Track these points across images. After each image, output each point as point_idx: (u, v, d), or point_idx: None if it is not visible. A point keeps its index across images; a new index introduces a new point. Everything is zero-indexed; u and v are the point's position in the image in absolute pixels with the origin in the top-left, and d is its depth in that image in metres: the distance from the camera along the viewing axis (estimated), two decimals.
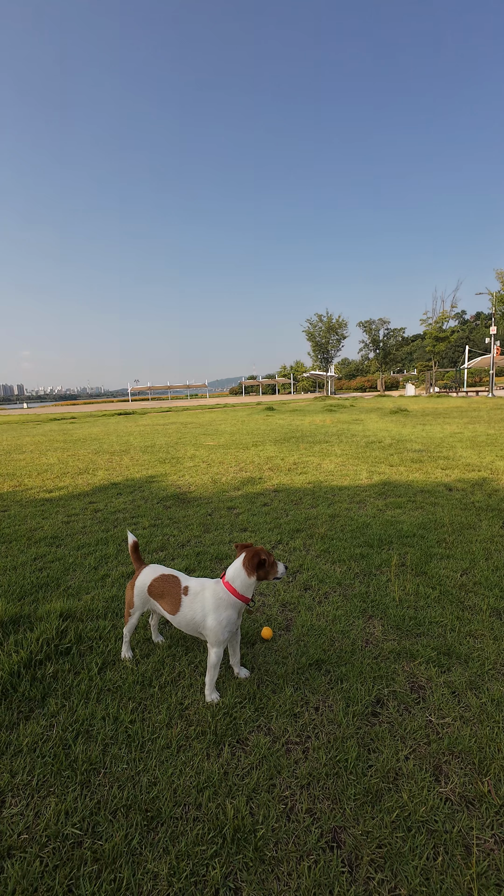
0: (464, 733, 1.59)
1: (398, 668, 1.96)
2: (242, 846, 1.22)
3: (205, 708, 1.74)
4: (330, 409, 19.14)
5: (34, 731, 1.64)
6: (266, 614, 2.46)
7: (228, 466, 6.74)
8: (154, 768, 1.48)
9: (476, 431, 9.44)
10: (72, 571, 3.11)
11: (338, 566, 3.04)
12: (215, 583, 1.84)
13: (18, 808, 1.35)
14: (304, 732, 1.63)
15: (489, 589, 2.63)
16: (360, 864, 1.18)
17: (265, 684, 1.88)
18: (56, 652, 2.08)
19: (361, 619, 2.38)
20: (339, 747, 1.54)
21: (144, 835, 1.27)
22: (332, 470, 6.12)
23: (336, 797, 1.37)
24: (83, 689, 1.85)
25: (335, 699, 1.78)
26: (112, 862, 1.19)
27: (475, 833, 1.26)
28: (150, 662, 2.03)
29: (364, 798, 1.36)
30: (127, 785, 1.42)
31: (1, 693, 1.83)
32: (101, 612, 2.49)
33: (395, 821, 1.29)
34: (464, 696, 1.78)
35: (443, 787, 1.40)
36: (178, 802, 1.36)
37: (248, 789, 1.40)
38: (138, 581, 2.01)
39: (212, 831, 1.26)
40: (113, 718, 1.70)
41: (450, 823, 1.28)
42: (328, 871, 1.16)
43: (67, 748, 1.57)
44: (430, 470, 5.82)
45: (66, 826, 1.29)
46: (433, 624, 2.29)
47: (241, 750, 1.56)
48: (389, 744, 1.56)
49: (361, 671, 1.94)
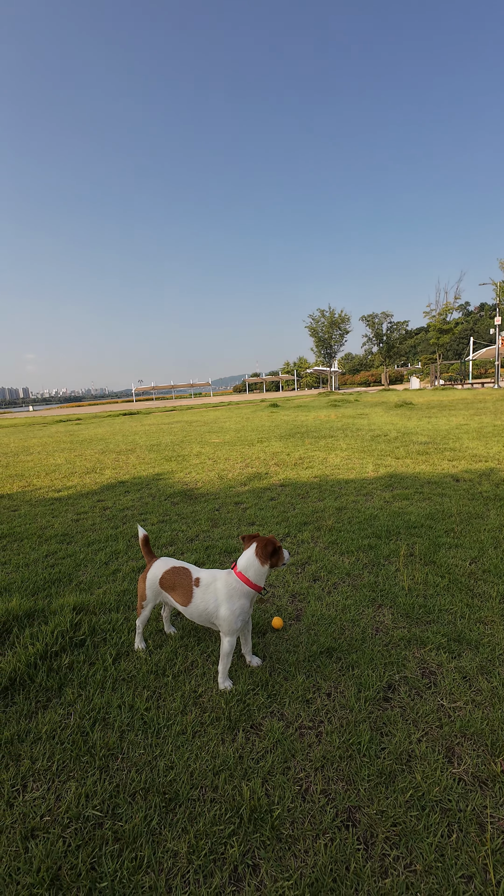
0: (476, 716, 1.61)
1: (409, 655, 1.98)
2: (259, 825, 1.25)
3: (218, 695, 1.77)
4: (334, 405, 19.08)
5: (52, 719, 1.68)
6: (276, 605, 2.49)
7: (234, 463, 6.76)
8: (170, 753, 1.51)
9: (482, 423, 9.37)
10: (83, 567, 3.15)
11: (346, 557, 3.05)
12: (227, 573, 1.86)
13: (40, 792, 1.39)
14: (316, 717, 1.65)
15: (499, 577, 2.63)
16: (375, 841, 1.20)
17: (277, 672, 1.90)
18: (71, 644, 2.12)
19: (371, 607, 2.39)
20: (352, 731, 1.56)
21: (163, 816, 1.30)
22: (337, 464, 6.12)
23: (350, 778, 1.39)
24: (99, 679, 1.89)
25: (347, 685, 1.80)
26: (133, 841, 1.22)
27: (489, 811, 1.27)
28: (164, 653, 2.06)
29: (378, 779, 1.38)
30: (144, 769, 1.45)
31: (19, 683, 1.87)
32: (114, 606, 2.53)
33: (409, 800, 1.31)
34: (475, 681, 1.79)
35: (456, 767, 1.42)
36: (195, 785, 1.39)
37: (263, 772, 1.42)
38: (150, 574, 2.03)
39: (229, 812, 1.29)
40: (129, 706, 1.73)
41: (463, 802, 1.30)
42: (344, 848, 1.19)
43: (85, 735, 1.60)
44: (437, 461, 5.80)
45: (87, 808, 1.32)
46: (443, 611, 2.30)
47: (255, 735, 1.59)
48: (402, 727, 1.58)
49: (372, 658, 1.95)
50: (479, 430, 8.35)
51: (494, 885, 1.09)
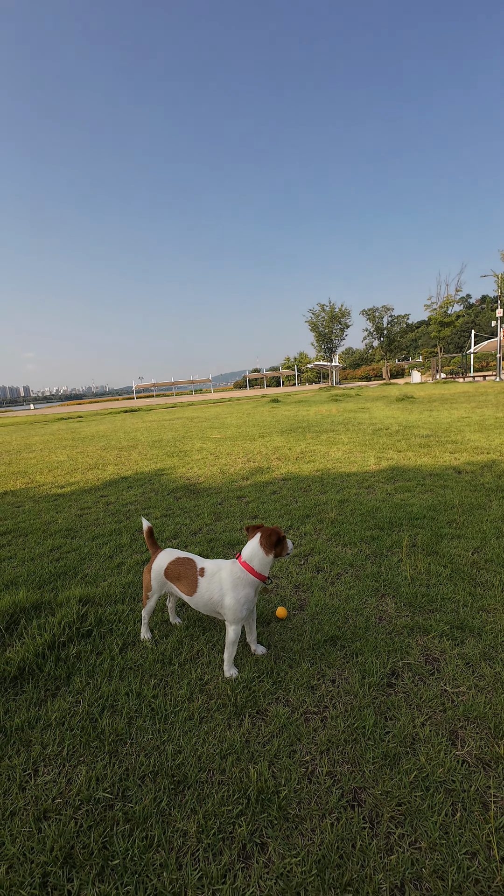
0: (479, 701, 1.63)
1: (412, 642, 2.00)
2: (267, 806, 1.28)
3: (224, 682, 1.80)
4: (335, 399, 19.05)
5: (61, 706, 1.71)
6: (280, 595, 2.51)
7: (236, 457, 6.77)
8: (178, 738, 1.54)
9: (484, 415, 9.35)
10: (88, 561, 3.18)
11: (349, 548, 3.07)
12: (231, 563, 1.88)
13: (51, 776, 1.42)
14: (321, 703, 1.67)
15: (501, 566, 2.64)
16: (380, 820, 1.23)
17: (282, 660, 1.93)
18: (78, 634, 2.15)
19: (374, 597, 2.41)
20: (357, 716, 1.58)
21: (172, 797, 1.32)
22: (339, 457, 6.13)
23: (355, 761, 1.41)
24: (106, 668, 1.92)
25: (351, 672, 1.82)
26: (143, 821, 1.25)
27: (493, 791, 1.30)
28: (170, 642, 2.09)
29: (382, 761, 1.40)
30: (153, 753, 1.48)
31: (28, 673, 1.90)
32: (119, 598, 2.55)
33: (414, 781, 1.33)
34: (478, 667, 1.81)
35: (459, 750, 1.44)
36: (203, 768, 1.42)
37: (269, 755, 1.45)
38: (155, 565, 2.05)
39: (237, 793, 1.32)
40: (136, 694, 1.76)
41: (467, 783, 1.32)
42: (350, 826, 1.21)
43: (94, 721, 1.63)
44: (439, 454, 5.80)
45: (98, 791, 1.35)
46: (445, 600, 2.32)
47: (261, 720, 1.61)
48: (406, 712, 1.60)
49: (376, 646, 1.98)
50: (481, 422, 8.33)
51: (498, 861, 1.12)
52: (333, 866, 1.11)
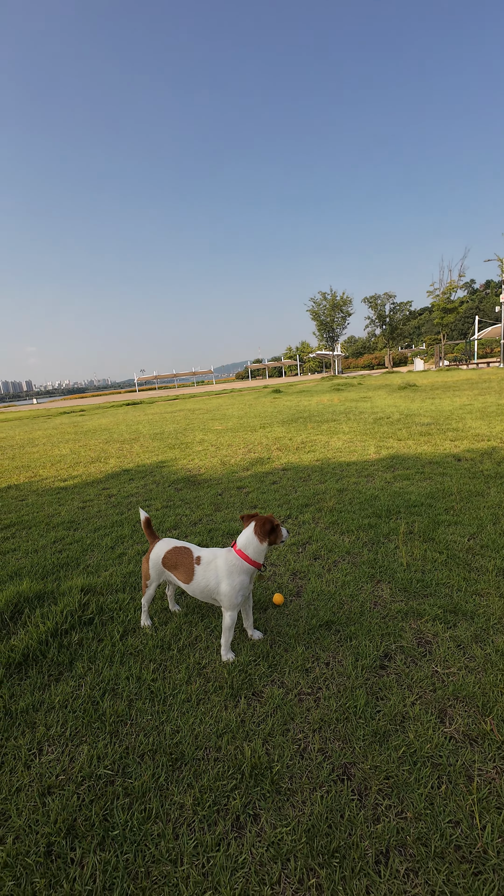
0: (468, 681, 1.67)
1: (405, 626, 2.04)
2: (260, 780, 1.33)
3: (221, 666, 1.85)
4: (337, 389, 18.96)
5: (64, 690, 1.77)
6: (277, 582, 2.56)
7: (237, 449, 6.81)
8: (176, 719, 1.60)
9: (486, 402, 9.29)
10: (90, 552, 3.24)
11: (346, 536, 3.11)
12: (227, 551, 1.92)
13: (55, 755, 1.48)
14: (315, 684, 1.72)
15: (496, 551, 2.67)
16: (368, 792, 1.28)
17: (278, 644, 1.98)
18: (80, 622, 2.21)
19: (370, 583, 2.45)
20: (349, 696, 1.63)
21: (170, 773, 1.39)
22: (340, 447, 6.14)
23: (346, 738, 1.46)
24: (107, 654, 1.98)
25: (345, 655, 1.87)
26: (142, 795, 1.31)
27: (478, 765, 1.34)
28: (169, 629, 2.15)
29: (372, 738, 1.45)
30: (152, 733, 1.54)
31: (32, 659, 1.97)
32: (120, 587, 2.61)
33: (402, 756, 1.38)
34: (469, 649, 1.86)
35: (447, 727, 1.49)
36: (200, 746, 1.48)
37: (263, 733, 1.50)
38: (153, 554, 2.10)
39: (231, 769, 1.38)
40: (136, 678, 1.82)
41: (454, 758, 1.37)
42: (339, 798, 1.26)
43: (96, 704, 1.69)
44: (439, 442, 5.79)
45: (99, 768, 1.41)
46: (440, 585, 2.36)
47: (257, 701, 1.67)
48: (396, 692, 1.65)
49: (370, 629, 2.02)
50: (483, 409, 8.29)
51: (480, 829, 1.17)
52: (322, 835, 1.17)
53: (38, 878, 1.11)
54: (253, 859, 1.13)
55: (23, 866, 1.14)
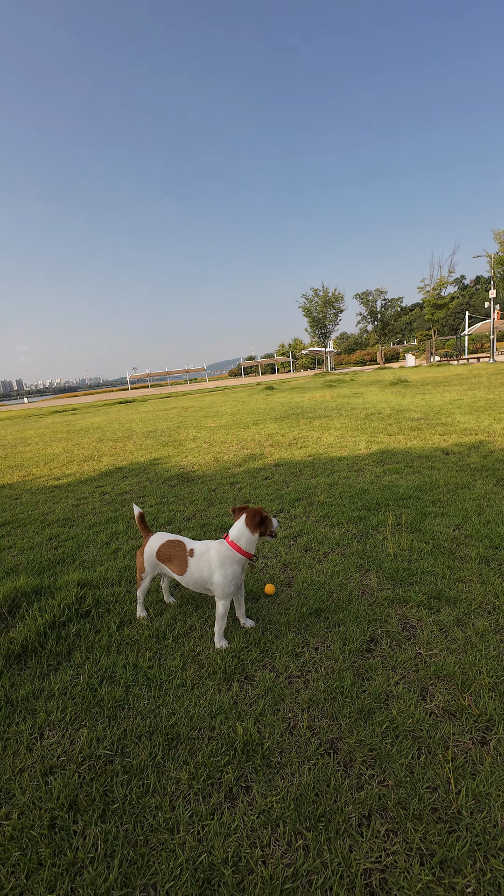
0: (449, 661, 1.76)
1: (391, 612, 2.13)
2: (251, 755, 1.41)
3: (215, 653, 1.93)
4: (330, 385, 19.08)
5: (63, 679, 1.84)
6: (269, 573, 2.64)
7: (230, 445, 6.87)
8: (172, 702, 1.67)
9: (475, 397, 9.46)
10: (85, 548, 3.30)
11: (336, 529, 3.20)
12: (219, 543, 1.99)
13: (56, 738, 1.55)
14: (304, 668, 1.81)
15: (479, 540, 2.78)
16: (353, 764, 1.37)
17: (269, 631, 2.06)
18: (77, 614, 2.27)
19: (358, 573, 2.54)
20: (336, 677, 1.72)
21: (166, 752, 1.46)
22: (331, 442, 6.24)
23: (333, 716, 1.55)
24: (104, 644, 2.05)
25: (333, 640, 1.96)
26: (140, 772, 1.38)
27: (456, 737, 1.44)
28: (164, 619, 2.22)
29: (358, 715, 1.54)
30: (149, 716, 1.61)
31: (31, 650, 2.03)
32: (116, 580, 2.68)
33: (385, 731, 1.47)
34: (451, 632, 1.95)
35: (428, 704, 1.58)
36: (195, 727, 1.55)
37: (255, 714, 1.58)
38: (147, 548, 2.17)
39: (224, 746, 1.45)
40: (133, 666, 1.89)
41: (433, 731, 1.46)
42: (326, 770, 1.35)
43: (94, 691, 1.76)
44: (428, 436, 5.91)
45: (98, 749, 1.48)
46: (425, 573, 2.45)
47: (249, 684, 1.75)
48: (381, 673, 1.74)
49: (357, 616, 2.11)
50: (472, 404, 8.44)
51: (455, 793, 1.26)
52: (309, 802, 1.25)
53: (43, 848, 1.18)
54: (245, 826, 1.21)
55: (28, 838, 1.21)
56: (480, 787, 1.26)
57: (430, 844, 1.14)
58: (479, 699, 1.56)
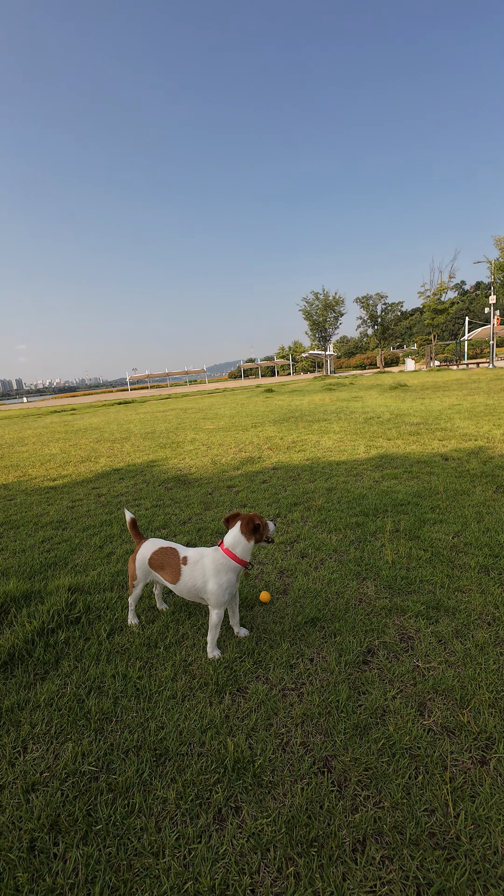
0: (448, 675, 1.71)
1: (389, 622, 2.08)
2: (242, 774, 1.36)
3: (207, 663, 1.87)
4: (329, 388, 19.06)
5: (50, 689, 1.78)
6: (264, 580, 2.58)
7: (228, 448, 6.82)
8: (161, 715, 1.62)
9: (475, 402, 9.43)
10: (78, 551, 3.24)
11: (334, 535, 3.15)
12: (214, 550, 1.94)
13: (39, 753, 1.49)
14: (299, 680, 1.75)
15: (479, 549, 2.73)
16: (348, 784, 1.31)
17: (263, 641, 2.01)
18: (66, 621, 2.22)
19: (355, 581, 2.49)
20: (332, 691, 1.67)
21: (154, 769, 1.40)
22: (330, 446, 6.19)
23: (328, 732, 1.50)
24: (93, 652, 1.99)
25: (329, 651, 1.90)
26: (125, 791, 1.33)
27: (454, 756, 1.38)
28: (156, 627, 2.16)
29: (353, 731, 1.48)
30: (137, 730, 1.56)
31: (18, 658, 1.97)
32: (108, 586, 2.62)
33: (381, 749, 1.42)
34: (450, 643, 1.90)
35: (426, 720, 1.53)
36: (184, 742, 1.50)
37: (247, 728, 1.53)
38: (139, 554, 2.11)
39: (214, 763, 1.40)
40: (122, 676, 1.83)
41: (431, 749, 1.41)
42: (319, 790, 1.30)
43: (81, 702, 1.70)
44: (427, 441, 5.87)
45: (83, 765, 1.43)
46: (424, 582, 2.40)
47: (241, 697, 1.69)
48: (378, 686, 1.68)
49: (354, 626, 2.06)
50: (471, 409, 8.41)
51: (454, 816, 1.20)
52: (301, 825, 1.20)
53: (21, 873, 1.12)
54: (233, 850, 1.16)
55: (5, 861, 1.15)
56: (480, 811, 1.21)
57: (427, 873, 1.08)
58: (479, 715, 1.51)
